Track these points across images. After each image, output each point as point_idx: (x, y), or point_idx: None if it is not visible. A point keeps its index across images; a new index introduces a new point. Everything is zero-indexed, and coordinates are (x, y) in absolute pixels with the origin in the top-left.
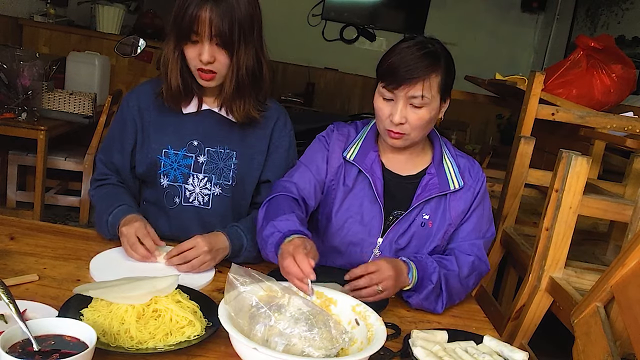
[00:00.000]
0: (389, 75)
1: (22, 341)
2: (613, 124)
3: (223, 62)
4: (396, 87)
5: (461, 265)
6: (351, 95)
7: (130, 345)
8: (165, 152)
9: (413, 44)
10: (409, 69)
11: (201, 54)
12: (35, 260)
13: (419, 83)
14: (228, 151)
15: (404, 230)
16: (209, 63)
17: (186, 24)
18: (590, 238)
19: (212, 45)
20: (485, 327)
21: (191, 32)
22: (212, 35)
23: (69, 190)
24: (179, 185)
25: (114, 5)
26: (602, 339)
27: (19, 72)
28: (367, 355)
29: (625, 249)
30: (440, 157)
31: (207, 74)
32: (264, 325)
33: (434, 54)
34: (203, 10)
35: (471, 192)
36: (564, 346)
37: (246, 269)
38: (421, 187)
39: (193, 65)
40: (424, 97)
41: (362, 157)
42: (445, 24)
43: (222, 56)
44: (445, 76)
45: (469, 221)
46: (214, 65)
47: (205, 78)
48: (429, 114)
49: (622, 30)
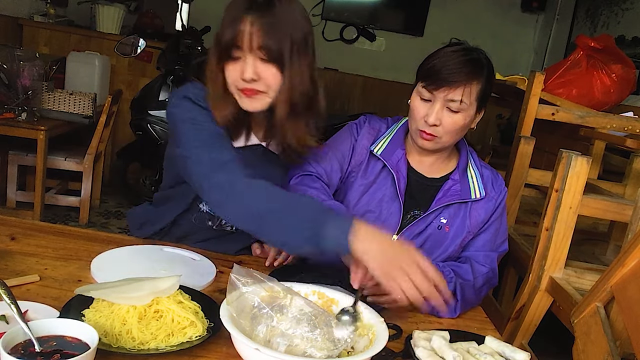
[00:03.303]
0: (430, 76)
1: (24, 342)
2: (613, 124)
3: (271, 79)
4: (436, 89)
5: (477, 275)
6: (351, 95)
7: (132, 346)
8: None
9: (459, 49)
10: (452, 72)
11: (244, 71)
12: (37, 260)
13: (460, 87)
14: None
15: (420, 231)
16: (252, 81)
17: (227, 38)
18: (590, 238)
19: (257, 60)
20: (486, 328)
21: (232, 47)
22: (254, 47)
23: (69, 190)
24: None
25: (114, 5)
26: (602, 339)
27: (19, 72)
28: (369, 356)
29: (625, 249)
30: (465, 165)
31: (250, 92)
32: (265, 325)
33: (479, 62)
34: (245, 23)
35: (492, 203)
36: (564, 346)
37: (248, 269)
38: (443, 191)
39: (235, 86)
40: (462, 102)
41: (389, 153)
42: (445, 24)
43: (269, 73)
44: (486, 86)
45: (487, 232)
46: (260, 84)
47: (248, 95)
48: (463, 120)
49: (622, 30)
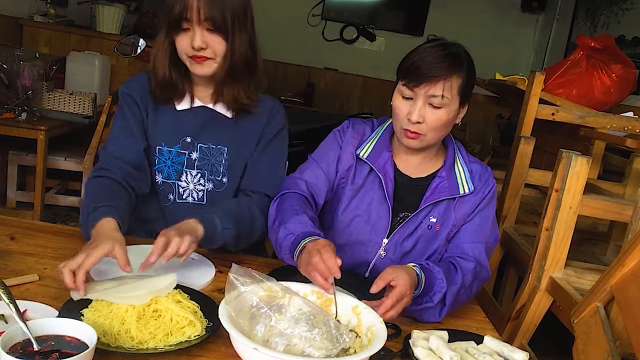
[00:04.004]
0: (410, 73)
1: (23, 341)
2: (613, 124)
3: (218, 47)
4: (417, 85)
5: (465, 273)
6: (351, 96)
7: (131, 345)
8: (159, 149)
9: (437, 45)
10: (432, 67)
11: (193, 40)
12: (36, 260)
13: (440, 82)
14: (220, 147)
15: (410, 232)
16: (201, 49)
17: (176, 12)
18: (590, 238)
19: (203, 30)
20: (485, 327)
21: (181, 19)
22: (201, 19)
23: (69, 190)
24: (173, 182)
25: (114, 5)
26: (602, 339)
27: (19, 72)
28: (367, 355)
29: (625, 249)
30: (453, 161)
31: (200, 58)
32: (264, 325)
33: (457, 56)
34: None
35: (479, 196)
36: (564, 346)
37: (247, 269)
38: (430, 190)
39: (185, 54)
40: (444, 97)
41: (375, 156)
42: (445, 24)
43: (215, 41)
44: (467, 80)
45: (472, 222)
46: (208, 52)
47: (198, 62)
48: (447, 116)
49: (622, 30)
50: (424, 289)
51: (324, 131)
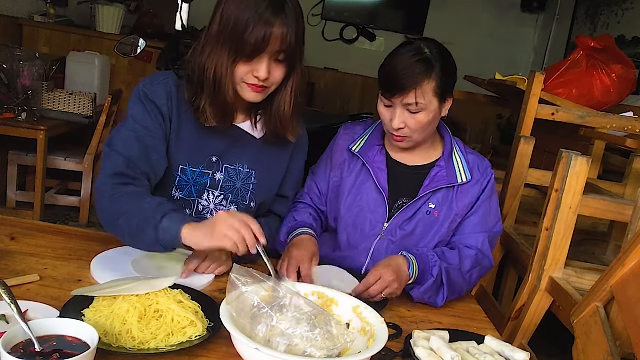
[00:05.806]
0: (384, 84)
1: (24, 342)
2: (613, 124)
3: (278, 77)
4: (392, 96)
5: (463, 259)
6: (351, 96)
7: (132, 345)
8: (182, 168)
9: (407, 51)
10: (402, 78)
11: (258, 70)
12: (37, 260)
13: (411, 91)
14: (248, 170)
15: (409, 217)
16: (265, 79)
17: (254, 40)
18: (590, 238)
19: (271, 60)
20: (486, 328)
21: (259, 50)
22: (280, 50)
23: (69, 190)
24: (193, 199)
25: (114, 5)
26: (602, 339)
27: (19, 72)
28: (369, 356)
29: (625, 249)
30: (450, 151)
31: (258, 87)
32: (265, 325)
33: (427, 61)
34: (276, 27)
35: (479, 186)
36: (564, 346)
37: (248, 269)
38: (429, 178)
39: (240, 79)
40: (418, 104)
41: (366, 150)
42: (445, 24)
43: (279, 72)
44: (442, 79)
45: (476, 214)
46: (267, 81)
47: (256, 91)
48: (426, 118)
49: (622, 30)
50: (421, 267)
51: (324, 131)
